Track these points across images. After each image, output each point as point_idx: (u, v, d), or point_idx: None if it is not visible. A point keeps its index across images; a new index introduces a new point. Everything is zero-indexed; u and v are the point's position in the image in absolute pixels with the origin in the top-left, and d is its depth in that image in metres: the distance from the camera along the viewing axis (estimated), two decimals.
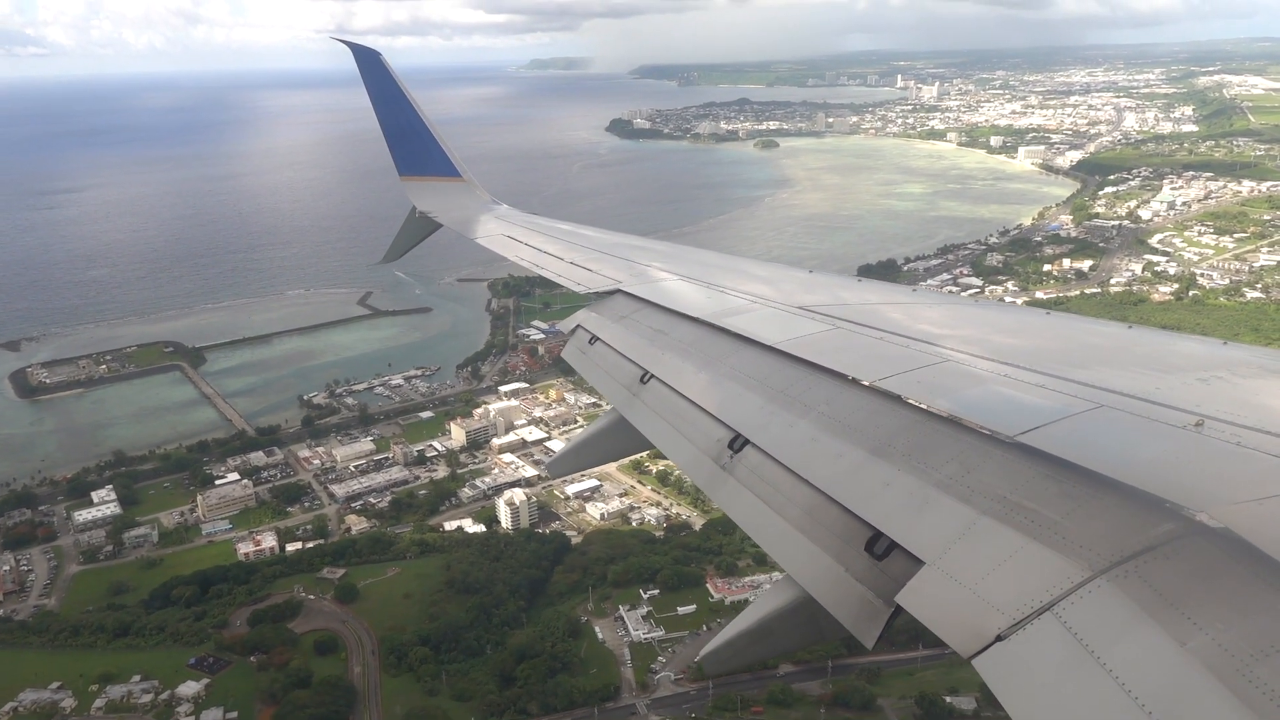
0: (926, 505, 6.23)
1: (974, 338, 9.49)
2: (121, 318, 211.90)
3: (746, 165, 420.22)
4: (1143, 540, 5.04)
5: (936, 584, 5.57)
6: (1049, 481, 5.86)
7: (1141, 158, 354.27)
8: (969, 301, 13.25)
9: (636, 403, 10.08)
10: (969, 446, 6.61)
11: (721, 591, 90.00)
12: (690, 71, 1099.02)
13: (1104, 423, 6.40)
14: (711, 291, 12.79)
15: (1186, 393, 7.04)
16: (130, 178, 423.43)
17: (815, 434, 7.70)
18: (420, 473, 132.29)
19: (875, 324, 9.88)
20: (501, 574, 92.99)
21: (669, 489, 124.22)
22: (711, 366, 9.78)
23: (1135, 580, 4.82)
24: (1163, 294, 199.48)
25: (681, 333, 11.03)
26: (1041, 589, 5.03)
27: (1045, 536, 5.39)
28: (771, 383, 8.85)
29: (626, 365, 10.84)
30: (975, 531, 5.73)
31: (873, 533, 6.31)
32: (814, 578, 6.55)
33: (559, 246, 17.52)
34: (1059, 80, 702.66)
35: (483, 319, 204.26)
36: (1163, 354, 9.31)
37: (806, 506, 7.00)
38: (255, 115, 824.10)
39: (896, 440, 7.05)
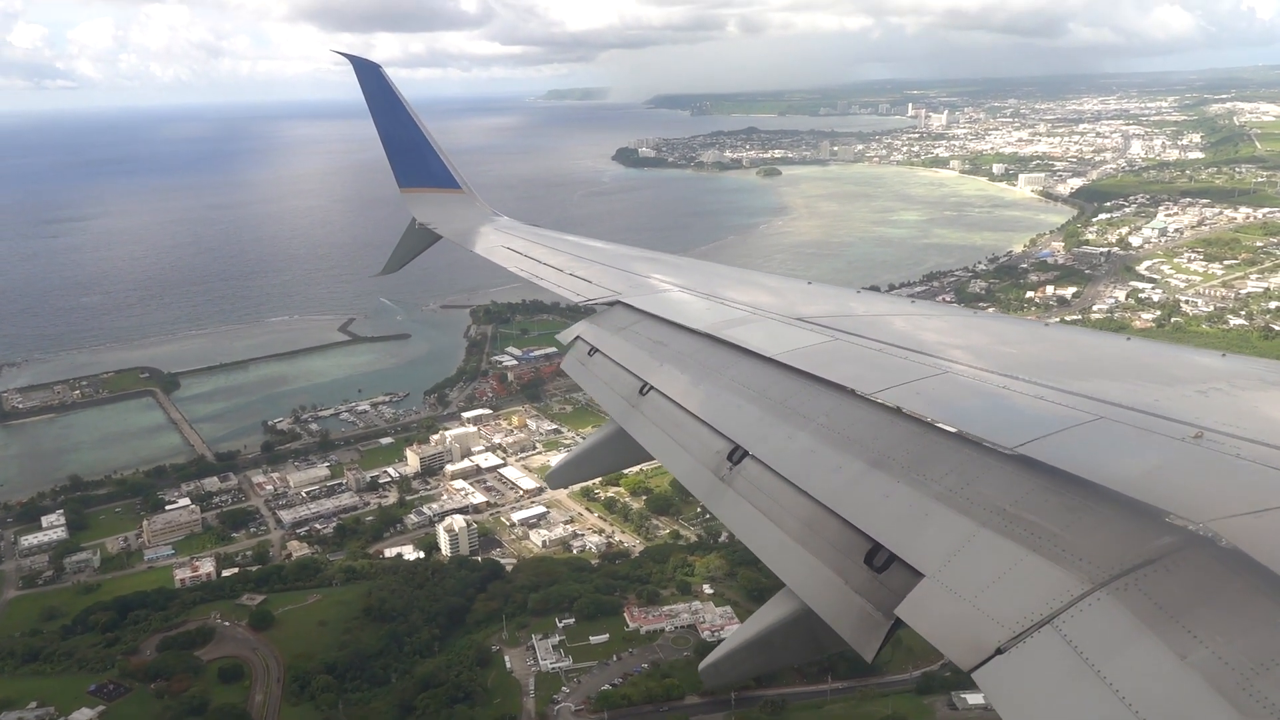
0: (926, 517, 6.19)
1: (974, 349, 9.47)
2: (104, 344, 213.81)
3: (746, 193, 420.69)
4: (1142, 553, 5.01)
5: (936, 597, 5.53)
6: (1048, 493, 5.83)
7: (1141, 184, 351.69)
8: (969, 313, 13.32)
9: (635, 414, 10.06)
10: (968, 458, 6.57)
11: (638, 621, 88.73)
12: (703, 101, 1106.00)
13: (1104, 434, 6.37)
14: (711, 303, 12.84)
15: (1186, 405, 7.01)
16: (137, 206, 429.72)
17: (814, 445, 7.68)
18: (371, 499, 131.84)
19: (875, 335, 9.85)
20: (421, 602, 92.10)
21: (615, 516, 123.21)
22: (710, 378, 9.79)
23: (1135, 593, 4.79)
24: (1145, 321, 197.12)
25: (681, 344, 11.03)
26: (1041, 602, 5.00)
27: (1045, 549, 5.36)
28: (770, 394, 8.83)
29: (625, 377, 10.82)
30: (975, 544, 5.70)
31: (872, 545, 6.28)
32: (813, 590, 6.50)
33: (558, 258, 17.52)
34: (1070, 108, 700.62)
35: (460, 345, 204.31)
36: (1162, 366, 9.21)
37: (806, 518, 6.97)
38: (270, 145, 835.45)
39: (896, 452, 7.03)
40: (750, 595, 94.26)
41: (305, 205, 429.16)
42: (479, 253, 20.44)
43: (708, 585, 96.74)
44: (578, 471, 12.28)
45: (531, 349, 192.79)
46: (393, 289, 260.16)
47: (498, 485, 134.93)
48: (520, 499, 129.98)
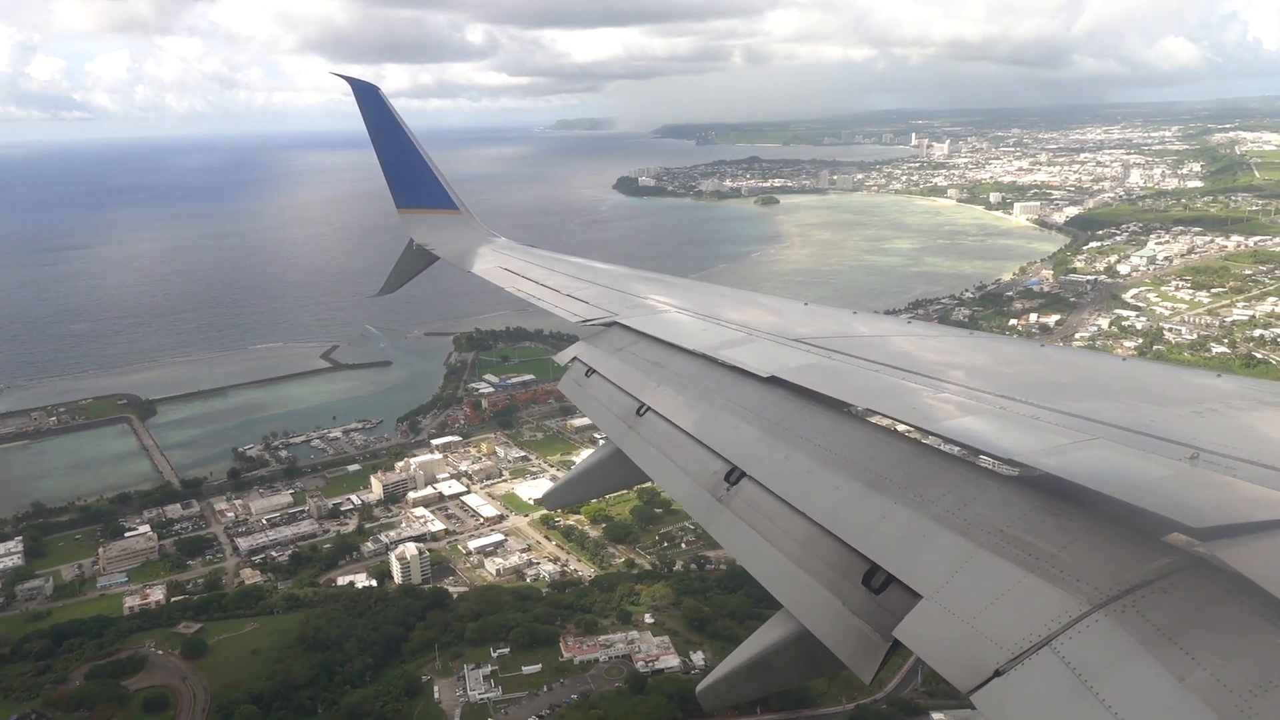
0: (923, 538, 6.16)
1: (970, 370, 9.48)
2: (87, 371, 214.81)
3: (742, 221, 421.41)
4: (1140, 574, 5.01)
5: (934, 618, 5.50)
6: (1045, 514, 5.82)
7: (1136, 213, 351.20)
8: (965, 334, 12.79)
9: (632, 435, 10.06)
10: (965, 479, 6.56)
11: (572, 651, 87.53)
12: (708, 131, 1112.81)
13: (1100, 455, 6.31)
14: (708, 323, 12.83)
15: (1181, 425, 7.01)
16: (138, 235, 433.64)
17: (811, 466, 7.67)
18: (331, 526, 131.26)
19: (871, 356, 9.85)
20: (359, 630, 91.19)
21: (572, 544, 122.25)
22: (707, 399, 9.76)
23: (1133, 614, 4.78)
24: (1127, 349, 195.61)
25: (678, 365, 11.02)
26: (1039, 623, 4.98)
27: (1042, 570, 5.33)
28: (767, 415, 8.81)
29: (622, 397, 10.82)
30: (972, 565, 5.67)
31: (869, 566, 6.25)
32: (811, 612, 6.46)
33: (555, 278, 17.53)
34: (1073, 138, 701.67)
35: (440, 373, 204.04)
36: (1157, 387, 9.20)
37: (803, 539, 6.93)
38: (278, 175, 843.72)
39: (892, 472, 7.02)
40: (691, 624, 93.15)
41: (304, 233, 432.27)
42: (476, 273, 20.48)
43: (649, 615, 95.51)
44: (574, 492, 12.27)
45: (508, 376, 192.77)
46: (379, 316, 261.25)
47: (459, 513, 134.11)
48: (480, 527, 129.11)
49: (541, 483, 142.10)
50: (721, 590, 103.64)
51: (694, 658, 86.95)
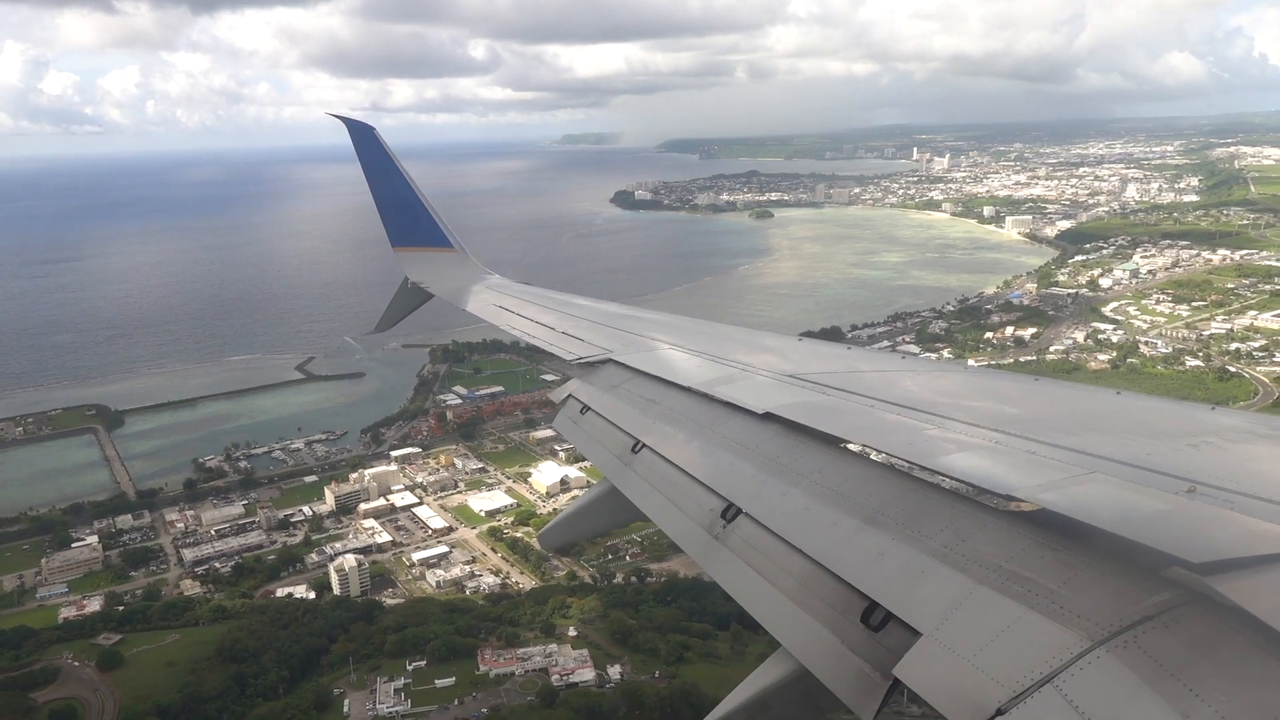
0: (922, 575, 6.13)
1: (966, 405, 9.49)
2: (62, 382, 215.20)
3: (734, 235, 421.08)
4: (1140, 609, 4.98)
5: (934, 656, 5.46)
6: (1044, 549, 5.79)
7: (1126, 227, 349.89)
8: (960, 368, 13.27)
9: (628, 472, 10.05)
10: (963, 514, 6.55)
11: (489, 664, 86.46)
12: (711, 145, 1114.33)
13: (1097, 489, 6.28)
14: (702, 360, 12.83)
15: (1178, 459, 7.01)
16: (133, 247, 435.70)
17: (808, 502, 7.64)
18: (280, 537, 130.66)
19: (866, 391, 9.85)
20: (281, 642, 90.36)
21: (517, 556, 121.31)
22: (703, 435, 9.78)
23: (1135, 650, 4.75)
24: (1100, 362, 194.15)
25: (673, 402, 11.02)
26: (1041, 660, 4.94)
27: (1042, 606, 5.31)
28: (763, 451, 8.78)
29: (618, 435, 10.84)
30: (972, 601, 5.64)
31: (868, 603, 6.20)
32: (809, 650, 6.40)
33: (550, 316, 17.66)
34: (1075, 152, 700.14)
35: (412, 385, 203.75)
36: (1152, 420, 9.20)
37: (800, 577, 6.90)
38: (281, 189, 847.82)
39: (889, 508, 6.99)
40: (614, 638, 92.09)
41: (297, 246, 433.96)
42: (471, 311, 20.69)
43: (573, 628, 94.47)
44: (571, 530, 12.19)
45: (477, 389, 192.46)
46: (359, 328, 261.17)
47: (408, 524, 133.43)
48: (427, 538, 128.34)
49: (496, 495, 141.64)
50: (656, 603, 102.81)
51: (611, 671, 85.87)
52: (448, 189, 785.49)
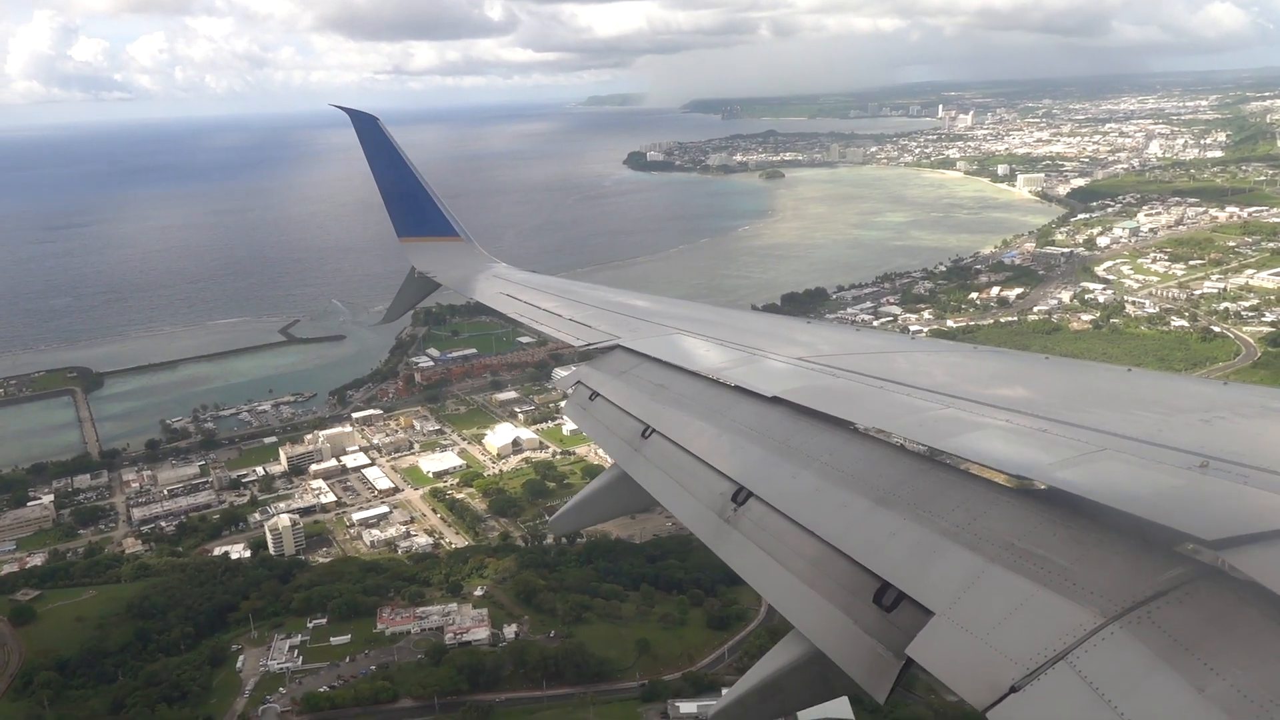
0: (934, 554, 6.12)
1: (975, 384, 9.46)
2: (52, 344, 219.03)
3: (740, 196, 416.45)
4: (1154, 585, 4.97)
5: (947, 635, 5.46)
6: (1056, 527, 5.77)
7: (1140, 184, 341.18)
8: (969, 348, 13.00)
9: (638, 458, 10.09)
10: (974, 493, 6.55)
11: (386, 623, 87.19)
12: (734, 105, 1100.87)
13: (1109, 467, 6.28)
14: (710, 344, 12.85)
15: (1190, 434, 7.00)
16: (144, 212, 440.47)
17: (819, 484, 7.65)
18: (230, 497, 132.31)
19: (875, 373, 9.84)
20: (193, 599, 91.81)
21: (455, 517, 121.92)
22: (712, 419, 9.76)
23: (1149, 626, 4.74)
24: (1083, 322, 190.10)
25: (682, 387, 11.03)
26: (1054, 637, 4.95)
27: (1055, 583, 5.31)
28: (773, 434, 8.78)
29: (627, 420, 10.86)
30: (984, 580, 5.64)
31: (880, 584, 6.22)
32: (823, 631, 6.43)
33: (557, 303, 17.73)
34: (1104, 108, 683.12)
35: (389, 347, 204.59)
36: (1163, 396, 9.11)
37: (812, 558, 6.91)
38: (301, 153, 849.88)
39: (900, 489, 7.00)
40: (518, 598, 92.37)
41: (305, 210, 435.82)
42: (478, 299, 20.88)
43: (483, 588, 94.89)
44: (580, 517, 12.14)
45: (450, 351, 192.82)
46: (349, 290, 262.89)
47: (357, 485, 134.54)
48: (371, 499, 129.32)
49: (447, 456, 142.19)
50: (578, 564, 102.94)
51: (507, 630, 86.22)
52: (466, 153, 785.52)
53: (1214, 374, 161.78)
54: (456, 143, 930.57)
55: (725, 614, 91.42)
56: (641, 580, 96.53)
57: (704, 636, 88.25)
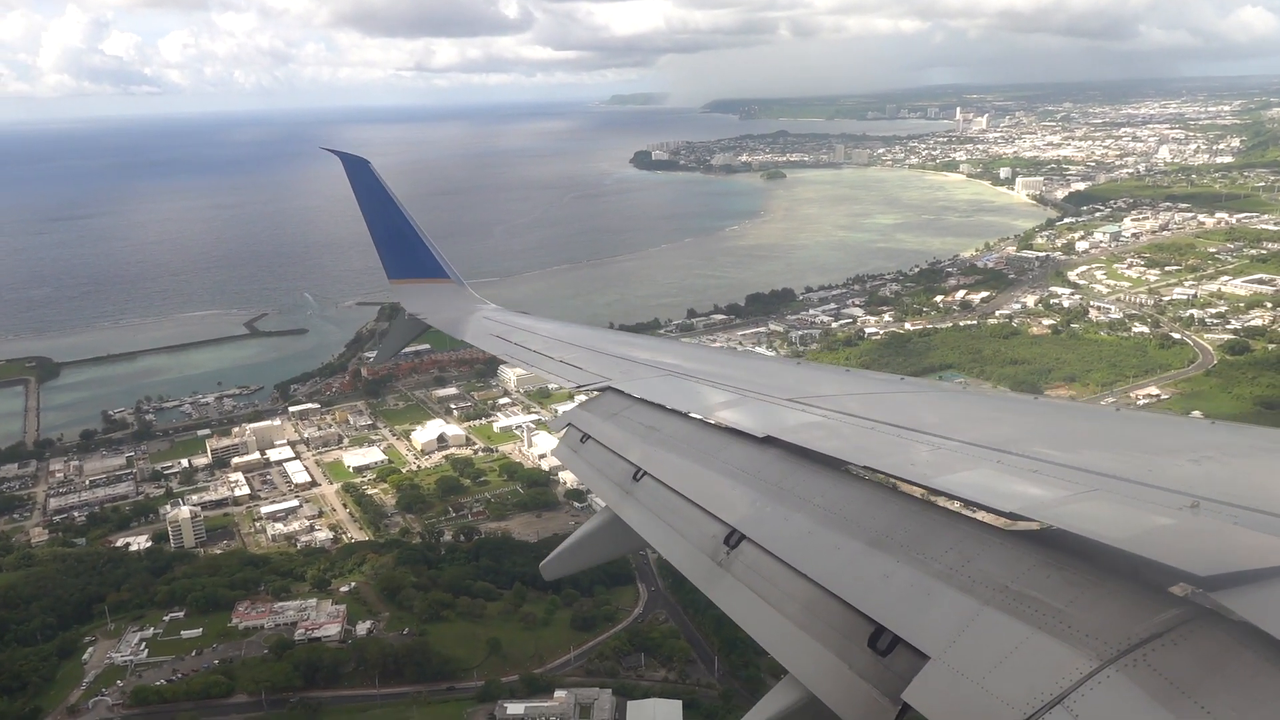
0: (928, 597, 6.08)
1: (967, 425, 9.47)
2: (20, 334, 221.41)
3: (737, 196, 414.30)
4: (1149, 627, 4.92)
5: (943, 680, 5.40)
6: (1050, 569, 5.71)
7: (1136, 189, 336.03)
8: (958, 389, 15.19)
9: (630, 500, 10.01)
10: (967, 535, 6.48)
11: (241, 617, 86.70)
12: (753, 106, 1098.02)
13: (1100, 506, 6.26)
14: (702, 386, 12.84)
15: (1180, 474, 7.03)
16: (146, 205, 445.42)
17: (811, 527, 7.61)
18: (149, 489, 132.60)
19: (866, 414, 9.88)
20: (62, 590, 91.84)
21: (364, 513, 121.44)
22: (704, 461, 9.74)
23: (1145, 669, 4.70)
24: (1042, 327, 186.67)
25: (673, 428, 11.00)
26: (1050, 681, 4.88)
27: (1050, 626, 5.25)
28: (765, 476, 8.76)
29: (618, 463, 10.81)
30: (979, 623, 5.59)
31: (875, 627, 6.15)
32: (817, 677, 6.36)
33: (548, 345, 17.76)
34: (1124, 112, 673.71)
35: (347, 341, 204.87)
36: (1153, 436, 9.27)
37: (806, 602, 6.87)
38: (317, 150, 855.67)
39: (893, 531, 6.95)
40: (383, 595, 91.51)
41: (301, 205, 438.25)
42: (468, 340, 21.05)
43: (353, 583, 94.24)
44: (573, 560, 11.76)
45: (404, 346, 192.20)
46: (323, 284, 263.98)
47: (276, 479, 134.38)
48: (287, 493, 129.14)
49: (371, 451, 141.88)
50: (465, 562, 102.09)
51: (360, 627, 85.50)
52: (479, 149, 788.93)
53: (1165, 381, 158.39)
54: (472, 139, 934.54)
55: (593, 615, 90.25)
56: (519, 579, 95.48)
57: (565, 637, 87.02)
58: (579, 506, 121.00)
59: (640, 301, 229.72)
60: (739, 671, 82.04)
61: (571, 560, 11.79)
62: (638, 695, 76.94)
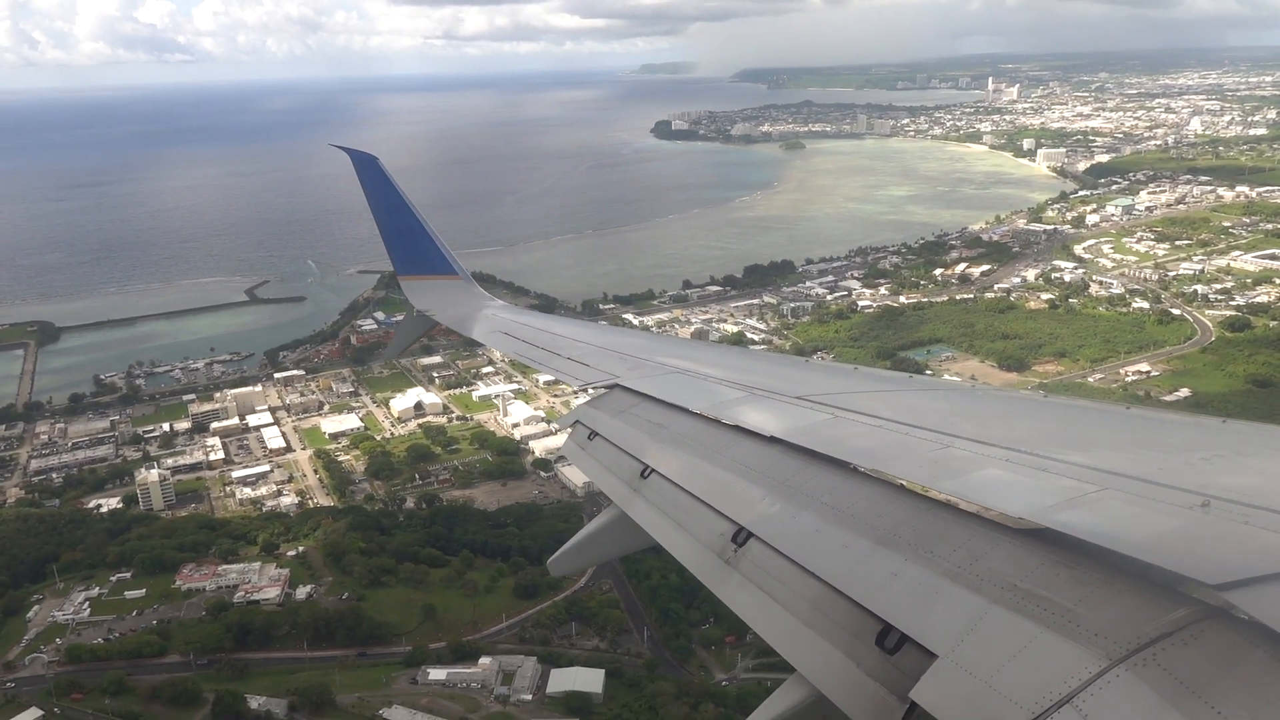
0: (936, 596, 6.13)
1: (974, 423, 9.46)
2: (26, 299, 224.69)
3: (752, 167, 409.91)
4: (1159, 626, 4.91)
5: (951, 678, 5.42)
6: (1059, 567, 5.75)
7: (1160, 161, 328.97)
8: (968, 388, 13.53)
9: (637, 498, 10.14)
10: (975, 533, 6.53)
11: (185, 580, 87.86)
12: (782, 75, 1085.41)
13: (1111, 505, 6.26)
14: (709, 383, 12.89)
15: (1190, 473, 7.02)
16: (169, 172, 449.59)
17: (819, 525, 7.66)
18: (129, 452, 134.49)
19: (874, 412, 9.87)
20: (18, 550, 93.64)
21: (330, 477, 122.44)
22: (712, 459, 9.82)
23: (1154, 668, 4.69)
24: (1040, 301, 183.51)
25: (681, 426, 11.10)
26: (1059, 680, 4.88)
27: (1059, 625, 5.26)
28: (773, 474, 8.81)
29: (626, 460, 10.91)
30: (987, 622, 5.62)
31: (883, 626, 6.18)
32: (825, 675, 6.40)
33: (555, 342, 17.91)
34: (1162, 83, 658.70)
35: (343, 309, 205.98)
36: (1163, 434, 9.30)
37: (814, 600, 6.91)
38: (346, 118, 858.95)
39: (901, 529, 6.99)
40: (329, 559, 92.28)
41: (319, 173, 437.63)
42: (476, 338, 21.25)
43: (299, 548, 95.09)
44: (579, 557, 11.97)
45: (395, 315, 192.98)
46: (321, 251, 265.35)
47: (252, 444, 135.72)
48: (261, 458, 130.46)
49: (349, 418, 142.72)
50: (419, 528, 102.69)
51: (300, 591, 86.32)
52: (503, 119, 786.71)
53: (1158, 357, 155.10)
54: (498, 109, 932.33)
55: (537, 584, 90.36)
56: (468, 546, 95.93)
57: (505, 605, 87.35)
58: (545, 476, 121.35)
59: (639, 272, 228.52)
60: (670, 642, 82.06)
61: (578, 557, 11.76)
62: (564, 663, 77.21)
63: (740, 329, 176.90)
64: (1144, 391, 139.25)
